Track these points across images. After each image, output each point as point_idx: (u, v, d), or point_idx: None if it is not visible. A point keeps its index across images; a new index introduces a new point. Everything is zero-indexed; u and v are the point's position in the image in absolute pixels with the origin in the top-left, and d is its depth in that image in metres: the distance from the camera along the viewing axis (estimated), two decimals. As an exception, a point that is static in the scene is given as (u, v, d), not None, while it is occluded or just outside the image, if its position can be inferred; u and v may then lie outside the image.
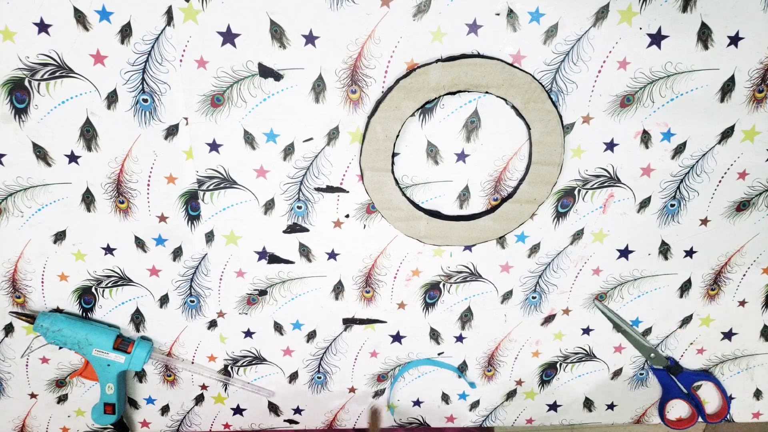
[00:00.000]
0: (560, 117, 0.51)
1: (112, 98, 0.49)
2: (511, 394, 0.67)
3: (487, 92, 0.50)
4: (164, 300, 0.59)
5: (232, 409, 0.66)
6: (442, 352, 0.63)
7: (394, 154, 0.52)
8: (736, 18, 0.48)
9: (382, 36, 0.48)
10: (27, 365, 0.62)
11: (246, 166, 0.53)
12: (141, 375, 0.64)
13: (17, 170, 0.52)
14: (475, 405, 0.67)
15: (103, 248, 0.56)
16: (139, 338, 0.61)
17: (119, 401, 0.61)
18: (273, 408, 0.66)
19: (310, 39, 0.48)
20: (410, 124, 0.52)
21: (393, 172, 0.53)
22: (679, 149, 0.54)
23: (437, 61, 0.49)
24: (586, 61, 0.50)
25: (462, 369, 0.64)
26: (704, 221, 0.57)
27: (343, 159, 0.53)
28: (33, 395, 0.64)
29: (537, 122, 0.51)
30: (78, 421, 0.66)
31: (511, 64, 0.49)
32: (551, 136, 0.52)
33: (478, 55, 0.49)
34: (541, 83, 0.50)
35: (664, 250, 0.59)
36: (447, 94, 0.50)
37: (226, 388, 0.65)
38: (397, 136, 0.51)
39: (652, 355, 0.63)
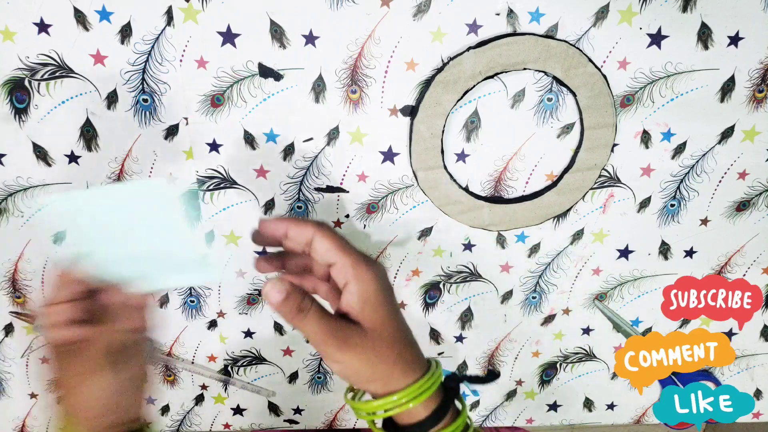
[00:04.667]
0: (605, 77, 0.50)
1: (112, 98, 0.49)
2: (511, 394, 0.67)
3: (525, 68, 0.49)
4: (164, 300, 0.59)
5: (232, 409, 0.66)
6: (442, 352, 0.63)
7: (442, 150, 0.52)
8: (736, 18, 0.48)
9: (382, 36, 0.48)
10: (27, 365, 0.62)
11: (246, 166, 0.53)
12: (141, 375, 0.64)
13: (17, 170, 0.52)
14: (475, 405, 0.67)
15: (103, 248, 0.56)
16: (139, 338, 0.61)
17: (119, 401, 0.61)
18: (273, 408, 0.66)
19: (310, 39, 0.48)
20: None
21: (446, 167, 0.53)
22: (679, 149, 0.54)
23: (468, 49, 0.48)
24: (586, 61, 0.49)
25: (462, 369, 0.64)
26: (704, 221, 0.57)
27: (343, 159, 0.53)
28: (33, 395, 0.64)
29: (582, 87, 0.50)
30: (78, 421, 0.66)
31: (544, 35, 0.48)
32: (599, 98, 0.51)
33: (509, 34, 0.48)
34: (578, 48, 0.49)
35: (664, 250, 0.59)
36: (485, 79, 0.49)
37: (226, 388, 0.65)
38: (443, 131, 0.51)
39: (652, 355, 0.63)
